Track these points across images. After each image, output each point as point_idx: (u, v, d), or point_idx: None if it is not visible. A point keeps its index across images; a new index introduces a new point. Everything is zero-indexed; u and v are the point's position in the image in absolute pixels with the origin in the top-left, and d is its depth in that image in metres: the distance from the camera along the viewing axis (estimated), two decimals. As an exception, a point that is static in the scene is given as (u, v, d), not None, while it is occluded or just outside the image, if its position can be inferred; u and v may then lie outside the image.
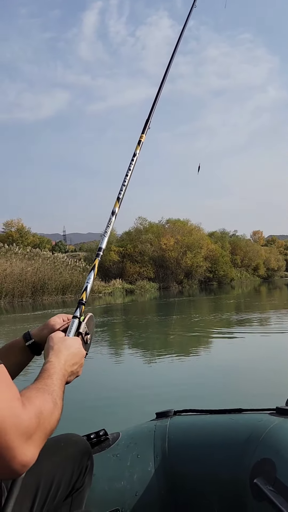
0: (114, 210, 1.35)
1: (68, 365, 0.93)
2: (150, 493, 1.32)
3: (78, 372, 0.99)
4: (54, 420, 0.76)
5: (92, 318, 1.14)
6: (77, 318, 1.07)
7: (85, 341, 1.08)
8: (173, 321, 7.67)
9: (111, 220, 1.33)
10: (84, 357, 1.03)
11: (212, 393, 4.35)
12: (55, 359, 0.91)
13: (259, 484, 1.15)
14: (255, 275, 65.60)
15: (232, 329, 9.45)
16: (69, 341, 0.99)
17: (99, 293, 34.25)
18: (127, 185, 1.41)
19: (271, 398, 1.68)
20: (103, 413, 3.87)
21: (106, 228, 1.31)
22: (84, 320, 1.08)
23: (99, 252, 1.28)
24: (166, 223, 53.81)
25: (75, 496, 1.13)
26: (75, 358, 0.96)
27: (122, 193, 1.39)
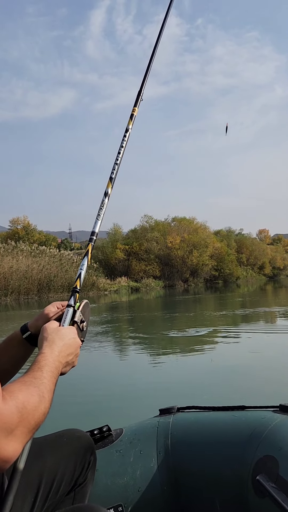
0: (107, 191, 1.28)
1: (62, 356, 0.91)
2: (152, 489, 1.32)
3: (74, 363, 0.98)
4: (40, 414, 0.74)
5: (87, 304, 1.12)
6: (71, 306, 1.05)
7: (81, 329, 1.06)
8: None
9: (103, 202, 1.26)
10: (80, 346, 1.01)
11: (216, 390, 4.34)
12: (48, 350, 0.89)
13: (261, 481, 1.15)
14: (260, 274, 65.36)
15: (237, 328, 9.44)
16: (63, 331, 0.97)
17: (104, 290, 34.31)
18: (120, 163, 1.33)
19: (275, 396, 1.68)
20: (106, 409, 3.88)
21: (99, 210, 1.24)
22: (79, 308, 1.06)
23: (92, 236, 1.21)
24: (172, 221, 53.74)
25: (77, 491, 1.14)
26: (70, 349, 0.94)
27: (114, 172, 1.31)
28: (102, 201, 1.25)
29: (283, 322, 10.59)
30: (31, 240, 47.53)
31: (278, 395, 1.65)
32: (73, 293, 1.09)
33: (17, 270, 28.91)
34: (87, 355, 7.09)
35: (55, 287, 30.18)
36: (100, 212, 1.23)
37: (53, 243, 54.49)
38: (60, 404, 3.97)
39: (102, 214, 1.23)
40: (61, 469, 1.09)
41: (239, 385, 4.60)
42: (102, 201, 1.25)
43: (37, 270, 30.04)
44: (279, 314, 12.76)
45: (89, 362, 6.58)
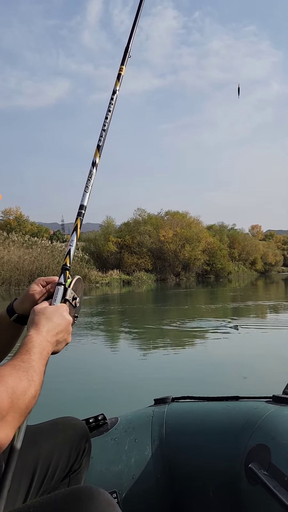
0: (95, 160, 1.19)
1: (50, 335, 0.89)
2: (146, 477, 1.35)
3: (66, 340, 0.95)
4: (30, 398, 0.73)
5: (79, 280, 1.09)
6: (62, 284, 1.02)
7: (74, 305, 1.04)
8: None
9: (91, 172, 1.17)
10: (72, 322, 0.99)
11: (210, 381, 4.40)
12: (33, 331, 0.87)
13: (254, 468, 1.17)
14: (252, 269, 65.71)
15: (229, 321, 9.50)
16: (50, 309, 0.94)
17: (96, 283, 34.31)
18: (107, 129, 1.24)
19: (268, 387, 1.70)
20: (102, 398, 3.92)
21: (87, 182, 1.15)
22: (70, 286, 1.03)
23: (81, 210, 1.13)
24: (165, 215, 53.75)
25: (72, 477, 1.15)
26: (59, 327, 0.92)
27: (102, 139, 1.21)
28: (90, 172, 1.17)
29: (274, 316, 10.70)
30: (23, 231, 47.30)
31: (271, 386, 1.67)
32: (63, 270, 1.05)
33: (9, 261, 28.79)
34: (83, 346, 7.13)
35: (47, 279, 30.02)
36: (88, 184, 1.16)
37: (45, 234, 54.26)
38: (56, 393, 4.02)
39: (90, 186, 1.16)
40: (56, 455, 1.11)
41: (233, 377, 4.67)
42: (90, 172, 1.17)
43: (29, 261, 29.93)
44: (270, 309, 12.88)
45: (85, 352, 6.61)
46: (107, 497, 0.75)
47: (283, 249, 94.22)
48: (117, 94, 1.29)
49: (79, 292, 1.08)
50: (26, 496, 1.01)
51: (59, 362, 5.36)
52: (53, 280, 1.07)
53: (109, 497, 0.76)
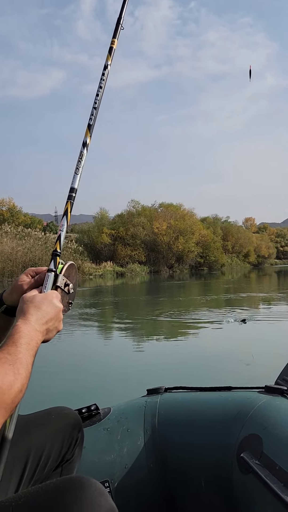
0: (85, 140, 1.13)
1: (39, 324, 0.86)
2: (139, 466, 1.35)
3: (57, 327, 0.92)
4: (16, 392, 0.71)
5: (72, 266, 1.05)
6: (52, 271, 0.98)
7: (67, 292, 1.01)
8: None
9: (82, 153, 1.12)
10: (66, 309, 0.97)
11: (203, 372, 4.44)
12: (21, 321, 0.84)
13: (246, 458, 1.18)
14: (245, 262, 66.05)
15: (222, 313, 9.55)
16: (39, 297, 0.91)
17: (89, 275, 34.29)
18: (98, 107, 1.18)
19: (260, 377, 1.72)
20: (95, 388, 3.94)
21: (78, 163, 1.10)
22: (61, 272, 1.00)
23: (72, 193, 1.08)
24: (159, 207, 53.74)
25: (65, 466, 1.15)
26: (48, 315, 0.89)
27: (93, 118, 1.16)
28: (80, 153, 1.12)
29: (267, 308, 10.77)
30: (16, 223, 47.04)
31: (263, 377, 1.69)
32: (53, 256, 1.01)
33: (1, 252, 28.68)
34: (76, 337, 7.15)
35: (40, 270, 29.96)
36: (79, 166, 1.10)
37: (38, 226, 54.03)
38: (49, 383, 4.03)
39: (81, 168, 1.10)
40: (49, 445, 1.10)
41: (226, 368, 4.71)
42: (81, 153, 1.12)
43: (22, 252, 29.84)
44: (263, 301, 12.96)
45: (78, 343, 6.63)
46: (99, 487, 0.75)
47: (276, 241, 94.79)
48: (108, 69, 1.22)
49: (72, 278, 1.04)
50: (18, 486, 1.01)
51: (53, 353, 5.38)
52: (42, 270, 1.04)
53: (101, 486, 0.76)
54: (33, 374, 0.77)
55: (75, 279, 1.07)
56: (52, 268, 0.99)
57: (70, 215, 1.07)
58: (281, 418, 1.23)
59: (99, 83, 1.19)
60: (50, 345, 0.92)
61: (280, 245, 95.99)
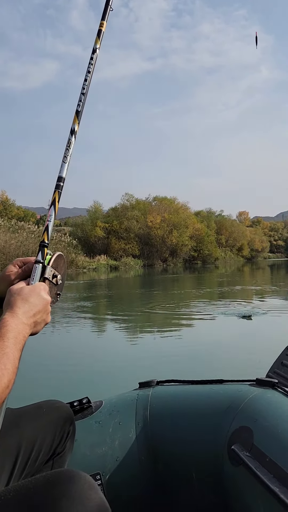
0: (73, 127, 1.10)
1: (27, 317, 0.85)
2: (130, 458, 1.36)
3: (45, 320, 0.91)
4: (2, 388, 0.71)
5: (60, 257, 1.04)
6: (40, 262, 0.97)
7: (55, 283, 1.00)
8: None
9: (70, 141, 1.08)
10: (54, 301, 0.96)
11: (195, 365, 4.46)
12: (8, 314, 0.83)
13: (236, 450, 1.19)
14: (239, 255, 66.28)
15: (215, 306, 9.59)
16: (26, 290, 0.90)
17: (83, 268, 34.27)
18: (87, 93, 1.13)
19: (252, 370, 1.73)
20: (87, 382, 3.95)
21: (65, 151, 1.07)
22: (49, 263, 0.98)
23: (59, 183, 1.06)
24: (153, 200, 53.67)
25: (56, 459, 1.16)
26: (36, 308, 0.88)
27: (81, 104, 1.12)
28: (68, 141, 1.09)
29: (260, 301, 10.82)
30: (9, 216, 46.73)
31: (255, 370, 1.70)
32: (41, 247, 0.99)
33: (-5, 245, 28.51)
34: (69, 330, 7.14)
35: (33, 264, 29.91)
36: (67, 154, 1.07)
37: (31, 219, 53.75)
38: (40, 376, 4.03)
39: (69, 156, 1.07)
40: (40, 438, 1.10)
41: (218, 361, 4.74)
42: (69, 141, 1.09)
43: (15, 245, 29.71)
44: (256, 294, 13.02)
45: (70, 336, 6.62)
46: (89, 480, 0.75)
47: (269, 235, 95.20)
48: (97, 53, 1.16)
49: (61, 269, 1.03)
50: (9, 479, 1.01)
51: (45, 346, 5.37)
52: (30, 260, 1.02)
53: (91, 480, 0.76)
54: (24, 368, 0.77)
55: (64, 270, 1.06)
56: (40, 260, 0.97)
57: (58, 205, 1.05)
58: (271, 410, 1.24)
59: (87, 68, 1.14)
60: (42, 338, 0.92)
61: (274, 239, 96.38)
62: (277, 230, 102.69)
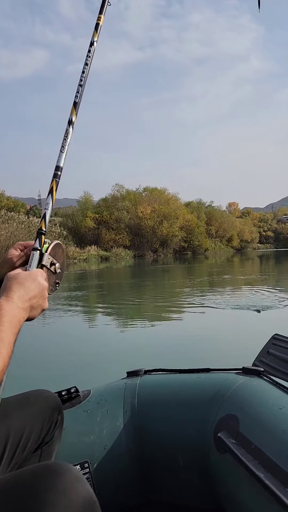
0: (71, 118, 1.11)
1: (22, 301, 0.85)
2: (118, 447, 1.37)
3: (42, 305, 0.92)
4: None
5: (58, 245, 1.04)
6: (37, 250, 0.97)
7: (53, 271, 1.01)
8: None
9: (68, 131, 1.10)
10: (45, 288, 0.95)
11: (183, 355, 4.49)
12: (3, 299, 0.83)
13: (222, 437, 1.20)
14: (229, 246, 66.56)
15: (203, 296, 9.65)
16: (23, 274, 0.90)
17: (74, 259, 34.18)
18: (84, 85, 1.15)
19: (238, 359, 1.74)
20: (75, 372, 3.96)
21: (63, 141, 1.09)
22: (47, 251, 0.99)
23: (57, 172, 1.07)
24: (144, 191, 53.51)
25: (44, 448, 1.16)
26: (31, 292, 0.88)
27: (79, 95, 1.13)
28: (66, 131, 1.11)
29: (248, 291, 10.90)
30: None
31: (241, 359, 1.72)
32: (38, 235, 1.00)
33: (-16, 236, 28.27)
34: (57, 320, 7.14)
35: (23, 254, 29.77)
36: (64, 144, 1.09)
37: (22, 209, 53.34)
38: (28, 366, 4.04)
39: (67, 146, 1.09)
40: (28, 428, 1.11)
41: (205, 351, 4.78)
42: (66, 131, 1.11)
43: (5, 236, 29.50)
44: (244, 284, 13.12)
45: (59, 326, 6.62)
46: (75, 473, 0.75)
47: (259, 226, 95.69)
48: (94, 46, 1.19)
49: (59, 258, 1.03)
50: None
51: (33, 335, 5.37)
52: (31, 244, 1.03)
53: (77, 472, 0.76)
54: (12, 357, 0.76)
55: (62, 259, 1.06)
56: (37, 247, 0.98)
57: (55, 193, 1.06)
58: (257, 398, 1.25)
59: (85, 60, 1.17)
60: (31, 328, 0.92)
61: (263, 230, 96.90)
62: (267, 221, 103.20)
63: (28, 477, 0.74)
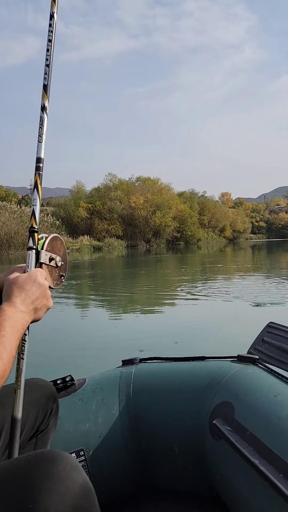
0: (43, 103, 1.02)
1: (25, 304, 0.86)
2: (114, 434, 1.37)
3: (46, 305, 0.92)
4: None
5: (55, 238, 1.02)
6: (32, 249, 0.95)
7: (55, 265, 1.00)
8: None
9: (42, 118, 1.02)
10: (55, 284, 0.97)
11: (178, 344, 4.51)
12: (5, 304, 0.84)
13: (217, 424, 1.21)
14: (221, 236, 66.74)
15: (198, 287, 9.68)
16: (22, 278, 0.89)
17: (66, 249, 34.11)
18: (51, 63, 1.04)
19: (233, 347, 1.75)
20: (70, 361, 3.96)
21: (40, 130, 1.01)
22: (43, 248, 0.97)
23: (39, 164, 1.00)
24: (137, 181, 53.30)
25: (39, 437, 1.16)
26: (33, 294, 0.88)
27: (47, 77, 1.03)
28: (40, 118, 1.02)
29: (241, 281, 10.95)
30: (-10, 195, 45.86)
31: (236, 347, 1.74)
32: (30, 233, 0.97)
33: (-25, 225, 28.07)
34: (51, 309, 7.09)
35: (15, 244, 29.64)
36: (41, 133, 1.01)
37: (13, 199, 52.93)
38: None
39: (44, 135, 1.01)
40: (23, 416, 1.10)
41: (200, 339, 4.81)
42: (41, 118, 1.02)
43: (-3, 226, 29.29)
44: (237, 274, 13.17)
45: (53, 315, 6.62)
46: (71, 461, 0.75)
47: (251, 216, 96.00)
48: (55, 19, 1.06)
49: (58, 251, 1.02)
50: None
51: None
52: None
53: (73, 460, 0.76)
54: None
55: (63, 251, 1.05)
56: (32, 246, 0.96)
57: (40, 187, 1.01)
58: (252, 385, 1.26)
59: (48, 36, 1.04)
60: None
61: (255, 220, 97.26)
62: (259, 211, 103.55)
63: (24, 465, 0.73)
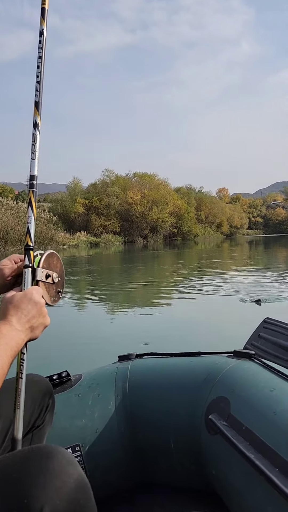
0: (35, 120, 1.01)
1: (21, 323, 0.86)
2: (110, 430, 1.37)
3: (43, 323, 0.92)
4: None
5: (51, 255, 1.02)
6: (28, 267, 0.95)
7: (52, 282, 1.00)
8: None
9: (35, 136, 1.00)
10: (52, 300, 0.97)
11: (175, 339, 4.51)
12: (1, 323, 0.84)
13: (213, 419, 1.21)
14: (218, 232, 66.75)
15: (195, 283, 9.69)
16: (17, 296, 0.89)
17: (63, 245, 34.03)
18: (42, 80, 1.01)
19: (229, 343, 1.75)
20: (66, 356, 3.96)
21: (32, 147, 1.00)
22: (39, 265, 0.97)
23: (32, 181, 1.00)
24: (133, 176, 53.18)
25: (35, 432, 1.16)
26: (29, 313, 0.88)
27: (38, 94, 1.01)
28: (33, 135, 1.00)
29: (238, 277, 10.97)
30: (-13, 191, 45.68)
31: (232, 342, 1.74)
32: (26, 251, 0.97)
33: (-28, 221, 27.97)
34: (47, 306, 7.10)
35: (12, 240, 29.56)
36: (34, 150, 1.00)
37: (10, 195, 52.69)
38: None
39: (37, 152, 1.00)
40: None
41: (197, 335, 4.82)
42: (33, 135, 1.00)
43: (-6, 222, 29.19)
44: (234, 269, 13.19)
45: (49, 311, 6.56)
46: (67, 456, 0.75)
47: (248, 212, 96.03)
48: (45, 35, 1.04)
49: (54, 267, 1.02)
50: None
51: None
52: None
53: (69, 455, 0.75)
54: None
55: (59, 267, 1.05)
56: (28, 264, 0.95)
57: (35, 205, 1.00)
58: (248, 381, 1.26)
59: (38, 53, 1.02)
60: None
61: (252, 216, 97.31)
62: (256, 207, 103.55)
63: (19, 460, 0.73)
